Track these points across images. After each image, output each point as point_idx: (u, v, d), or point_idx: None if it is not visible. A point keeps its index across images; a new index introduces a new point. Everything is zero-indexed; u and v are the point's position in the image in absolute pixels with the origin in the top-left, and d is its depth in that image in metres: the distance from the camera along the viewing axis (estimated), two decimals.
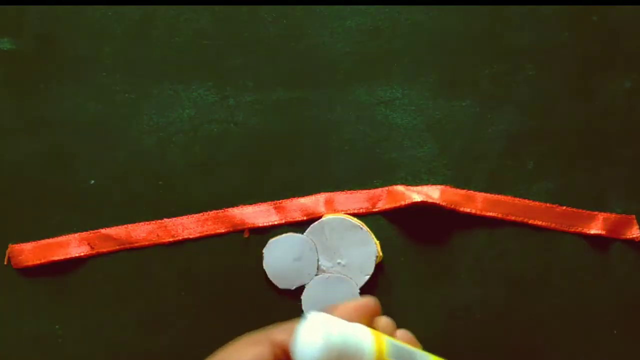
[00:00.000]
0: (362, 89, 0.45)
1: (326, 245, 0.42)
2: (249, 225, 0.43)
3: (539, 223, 0.43)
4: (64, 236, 0.43)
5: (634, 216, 0.44)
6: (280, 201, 0.44)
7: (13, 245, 0.43)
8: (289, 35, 0.45)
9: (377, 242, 0.43)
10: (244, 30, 0.45)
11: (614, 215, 0.44)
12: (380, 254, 0.43)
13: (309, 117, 0.45)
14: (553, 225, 0.44)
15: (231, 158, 0.44)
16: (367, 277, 0.42)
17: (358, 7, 0.46)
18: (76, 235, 0.43)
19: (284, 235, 0.43)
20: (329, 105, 0.45)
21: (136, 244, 0.43)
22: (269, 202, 0.44)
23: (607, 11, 0.46)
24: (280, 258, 0.43)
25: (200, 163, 0.44)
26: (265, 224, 0.43)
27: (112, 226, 0.43)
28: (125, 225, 0.43)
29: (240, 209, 0.43)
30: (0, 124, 0.44)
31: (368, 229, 0.43)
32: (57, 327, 0.43)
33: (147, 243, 0.43)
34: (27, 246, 0.43)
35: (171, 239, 0.43)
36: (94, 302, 0.43)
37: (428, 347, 0.43)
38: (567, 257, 0.44)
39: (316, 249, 0.43)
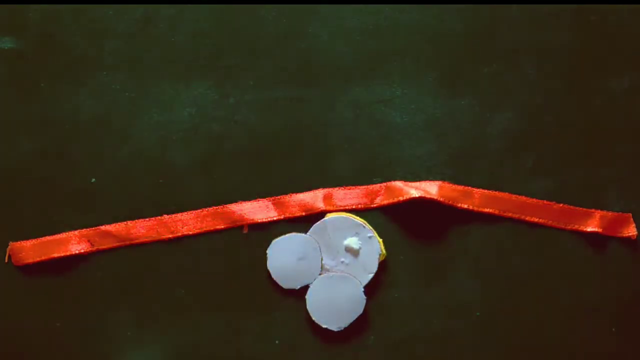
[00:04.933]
0: (361, 87, 0.45)
1: (329, 244, 0.43)
2: (248, 221, 0.43)
3: (536, 220, 0.43)
4: (64, 233, 0.43)
5: (630, 214, 0.44)
6: (279, 197, 0.44)
7: (13, 243, 0.43)
8: (289, 34, 0.45)
9: (381, 240, 0.43)
10: (244, 29, 0.46)
11: (610, 213, 0.44)
12: (384, 252, 0.43)
13: (309, 115, 0.45)
14: (550, 222, 0.44)
15: (231, 156, 0.44)
16: (371, 275, 0.42)
17: (358, 6, 0.46)
18: (76, 232, 0.43)
19: (287, 235, 0.43)
20: (329, 103, 0.45)
21: (136, 241, 0.43)
22: (268, 198, 0.44)
23: (607, 11, 0.46)
24: (284, 258, 0.43)
25: (200, 161, 0.44)
26: (264, 220, 0.43)
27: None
28: (125, 222, 0.43)
29: (239, 204, 0.44)
30: (1, 122, 0.45)
31: (371, 228, 0.43)
32: (57, 324, 0.43)
33: (146, 240, 0.43)
34: (27, 244, 0.43)
35: (171, 235, 0.43)
36: (94, 298, 0.43)
37: (427, 345, 0.43)
38: (563, 254, 0.44)
39: (319, 248, 0.43)
